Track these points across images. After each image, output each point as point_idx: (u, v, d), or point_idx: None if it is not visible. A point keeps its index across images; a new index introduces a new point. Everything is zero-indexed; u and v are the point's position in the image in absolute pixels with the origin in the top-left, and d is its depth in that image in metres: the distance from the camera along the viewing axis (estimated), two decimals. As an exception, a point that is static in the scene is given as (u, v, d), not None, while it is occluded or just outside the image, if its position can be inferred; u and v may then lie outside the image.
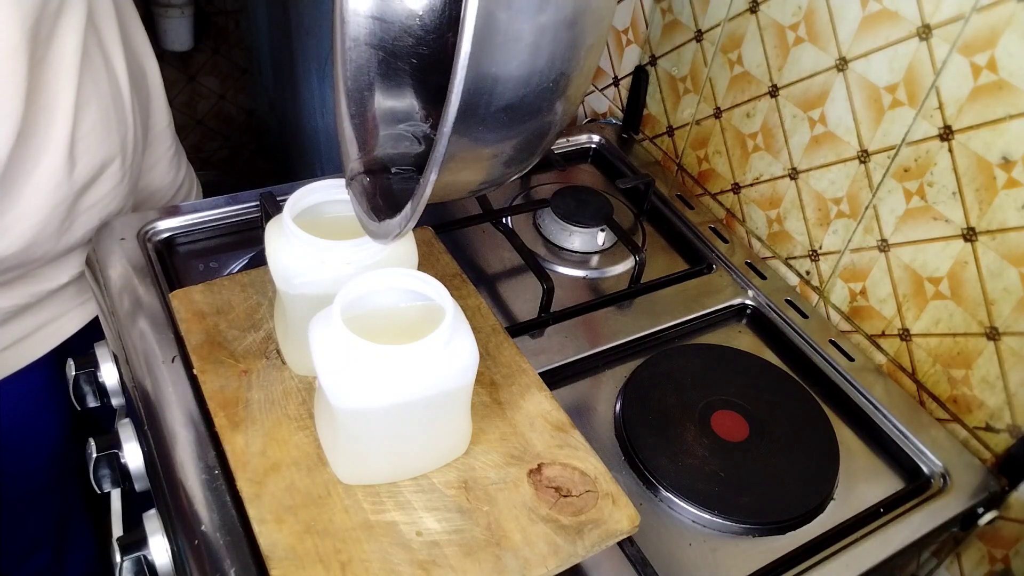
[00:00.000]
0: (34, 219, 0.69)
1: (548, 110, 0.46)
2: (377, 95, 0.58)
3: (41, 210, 0.69)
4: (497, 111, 0.43)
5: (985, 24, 0.61)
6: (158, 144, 0.87)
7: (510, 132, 0.45)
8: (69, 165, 0.69)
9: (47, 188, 0.68)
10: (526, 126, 0.46)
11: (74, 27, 0.65)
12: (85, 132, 0.70)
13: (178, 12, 1.55)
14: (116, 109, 0.73)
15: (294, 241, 0.53)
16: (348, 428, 0.50)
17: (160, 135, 0.87)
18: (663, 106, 0.96)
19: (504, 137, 0.46)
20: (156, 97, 0.85)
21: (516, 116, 0.44)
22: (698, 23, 0.87)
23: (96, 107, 0.70)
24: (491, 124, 0.44)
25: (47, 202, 0.69)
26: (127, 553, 0.57)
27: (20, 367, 0.79)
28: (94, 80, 0.70)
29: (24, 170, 0.67)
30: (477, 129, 0.43)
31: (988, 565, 0.69)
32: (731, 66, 0.84)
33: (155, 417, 0.59)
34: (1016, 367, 0.65)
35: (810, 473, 0.65)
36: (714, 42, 0.86)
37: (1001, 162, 0.62)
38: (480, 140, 0.45)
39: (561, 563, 0.51)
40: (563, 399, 0.68)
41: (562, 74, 0.44)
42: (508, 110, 0.44)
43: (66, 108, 0.67)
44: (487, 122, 0.43)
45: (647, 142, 1.00)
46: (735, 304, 0.80)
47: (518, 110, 0.44)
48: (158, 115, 0.86)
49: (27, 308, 0.76)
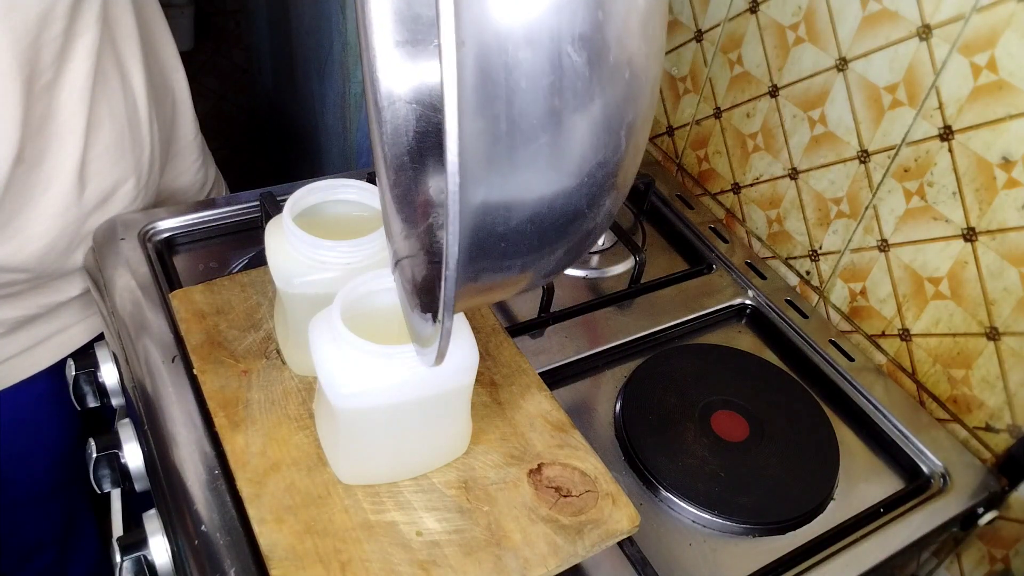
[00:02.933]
0: (41, 241, 0.68)
1: (591, 208, 0.35)
2: (420, 162, 0.49)
3: (49, 232, 0.69)
4: (519, 226, 0.34)
5: (985, 24, 0.61)
6: (183, 157, 0.86)
7: (541, 247, 0.36)
8: (79, 188, 0.69)
9: (55, 211, 0.68)
10: (564, 235, 0.36)
11: (86, 50, 0.64)
12: (97, 154, 0.69)
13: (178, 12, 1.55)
14: (132, 129, 0.72)
15: (294, 241, 0.53)
16: (348, 428, 0.50)
17: (186, 148, 0.86)
18: (663, 106, 0.96)
19: (534, 254, 0.36)
20: (183, 112, 0.84)
21: (547, 228, 0.35)
22: (698, 23, 0.87)
23: (110, 129, 0.70)
24: (514, 244, 0.34)
25: (56, 223, 0.69)
26: (127, 553, 0.57)
27: (27, 376, 0.79)
28: (109, 101, 0.69)
29: (33, 195, 0.66)
30: (494, 257, 0.34)
31: (988, 565, 0.69)
32: (731, 66, 0.84)
33: (155, 417, 0.59)
34: (1016, 367, 0.65)
35: (810, 473, 0.65)
36: (714, 42, 0.86)
37: (1001, 162, 0.62)
38: (502, 268, 0.35)
39: (561, 563, 0.51)
40: (563, 399, 0.68)
41: (600, 164, 0.34)
42: (534, 222, 0.34)
43: (77, 131, 0.67)
44: (508, 242, 0.34)
45: (647, 142, 1.00)
46: (735, 304, 0.80)
47: (546, 220, 0.34)
48: (184, 129, 0.85)
49: (35, 319, 0.76)
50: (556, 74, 0.30)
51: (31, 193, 0.66)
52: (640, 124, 0.35)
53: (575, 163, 0.33)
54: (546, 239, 0.35)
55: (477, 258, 0.34)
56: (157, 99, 0.77)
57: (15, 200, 0.65)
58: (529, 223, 0.33)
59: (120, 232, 0.73)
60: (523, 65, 0.30)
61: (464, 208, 0.31)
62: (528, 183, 0.32)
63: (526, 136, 0.31)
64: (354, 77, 1.13)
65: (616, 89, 0.32)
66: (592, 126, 0.32)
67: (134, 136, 0.72)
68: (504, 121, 0.30)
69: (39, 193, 0.67)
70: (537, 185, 0.33)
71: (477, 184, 0.31)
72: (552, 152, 0.32)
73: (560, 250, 0.37)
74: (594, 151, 0.33)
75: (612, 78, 0.32)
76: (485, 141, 0.30)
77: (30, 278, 0.71)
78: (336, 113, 1.22)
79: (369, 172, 0.84)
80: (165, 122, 0.81)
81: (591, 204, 0.35)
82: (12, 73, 0.59)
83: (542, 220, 0.34)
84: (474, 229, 0.32)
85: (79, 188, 0.69)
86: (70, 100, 0.65)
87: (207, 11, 1.64)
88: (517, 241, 0.34)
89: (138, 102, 0.73)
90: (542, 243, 0.35)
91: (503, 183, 0.32)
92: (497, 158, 0.31)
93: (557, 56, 0.30)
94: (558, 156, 0.32)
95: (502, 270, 0.35)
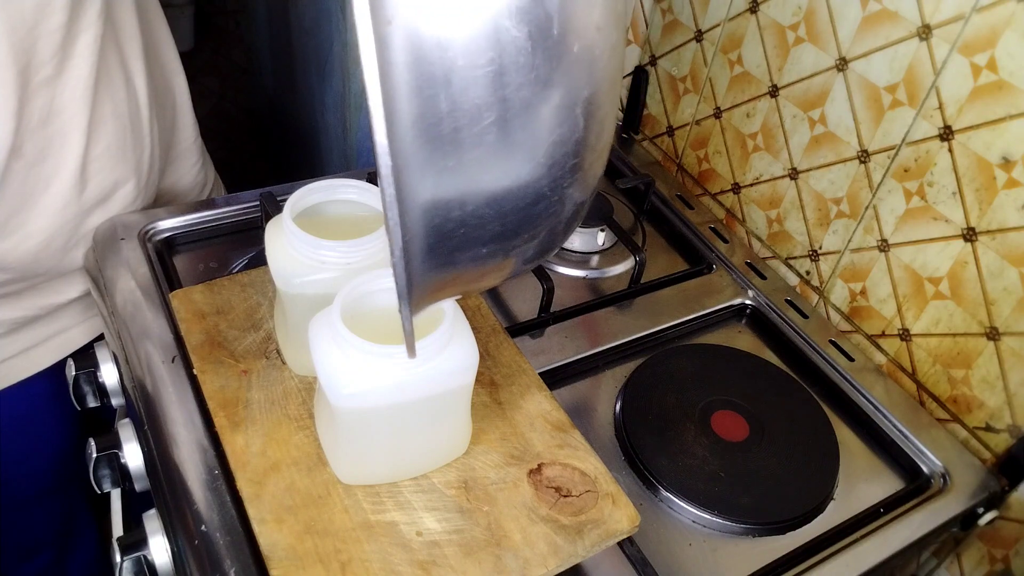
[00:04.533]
0: (39, 237, 0.68)
1: (553, 191, 0.34)
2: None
3: (47, 230, 0.68)
4: (477, 211, 0.32)
5: (985, 24, 0.61)
6: (183, 160, 0.86)
7: (507, 232, 0.34)
8: (80, 185, 0.69)
9: (55, 209, 0.68)
10: (530, 219, 0.34)
11: (89, 47, 0.64)
12: (99, 153, 0.69)
13: (178, 12, 1.55)
14: (134, 130, 0.72)
15: (294, 241, 0.53)
16: (348, 428, 0.50)
17: (185, 152, 0.86)
18: (663, 106, 0.96)
19: (502, 240, 0.34)
20: (183, 115, 0.84)
21: (508, 212, 0.33)
22: (698, 23, 0.87)
23: (112, 127, 0.70)
24: (476, 229, 0.33)
25: (54, 221, 0.69)
26: (127, 553, 0.57)
27: (26, 376, 0.79)
28: (112, 99, 0.69)
29: (34, 192, 0.66)
30: (456, 244, 0.33)
31: (988, 565, 0.69)
32: (731, 66, 0.84)
33: (155, 417, 0.59)
34: (1016, 367, 0.65)
35: (810, 473, 0.65)
36: (714, 42, 0.86)
37: (1001, 162, 0.62)
38: (468, 255, 0.34)
39: (561, 563, 0.51)
40: (563, 399, 0.68)
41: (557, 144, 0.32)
42: (492, 206, 0.32)
43: (80, 129, 0.66)
44: (468, 227, 0.33)
45: (647, 142, 1.00)
46: (735, 304, 0.80)
47: (506, 205, 0.33)
48: (184, 132, 0.85)
49: (34, 320, 0.76)
50: (496, 50, 0.29)
51: (32, 190, 0.66)
52: (601, 99, 0.33)
53: (528, 144, 0.31)
54: (509, 224, 0.33)
55: (437, 245, 0.32)
56: (158, 101, 0.77)
57: (16, 196, 0.65)
58: (487, 207, 0.32)
59: (120, 232, 0.73)
60: (458, 42, 0.28)
61: (408, 193, 0.29)
62: (480, 166, 0.31)
63: (471, 117, 0.29)
64: (354, 77, 1.13)
65: (566, 63, 0.30)
66: (543, 104, 0.30)
67: (136, 136, 0.72)
68: (444, 101, 0.29)
69: (40, 190, 0.67)
70: (490, 168, 0.31)
71: (422, 168, 0.30)
72: (501, 133, 0.30)
73: (529, 234, 0.35)
74: (548, 131, 0.31)
75: (559, 52, 0.30)
76: (427, 122, 0.29)
77: (27, 276, 0.71)
78: (336, 113, 1.22)
79: (369, 172, 0.84)
80: (166, 125, 0.81)
81: (553, 187, 0.33)
82: (7, 61, 0.59)
83: (501, 205, 0.32)
84: (427, 215, 0.31)
85: (80, 186, 0.69)
86: (73, 98, 0.65)
87: (207, 11, 1.64)
88: (478, 227, 0.32)
89: (140, 102, 0.73)
90: (506, 228, 0.33)
91: (453, 166, 0.30)
92: (441, 140, 0.29)
93: (494, 31, 0.28)
94: (508, 137, 0.30)
95: (469, 257, 0.34)
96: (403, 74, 0.28)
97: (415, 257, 0.32)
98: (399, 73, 0.28)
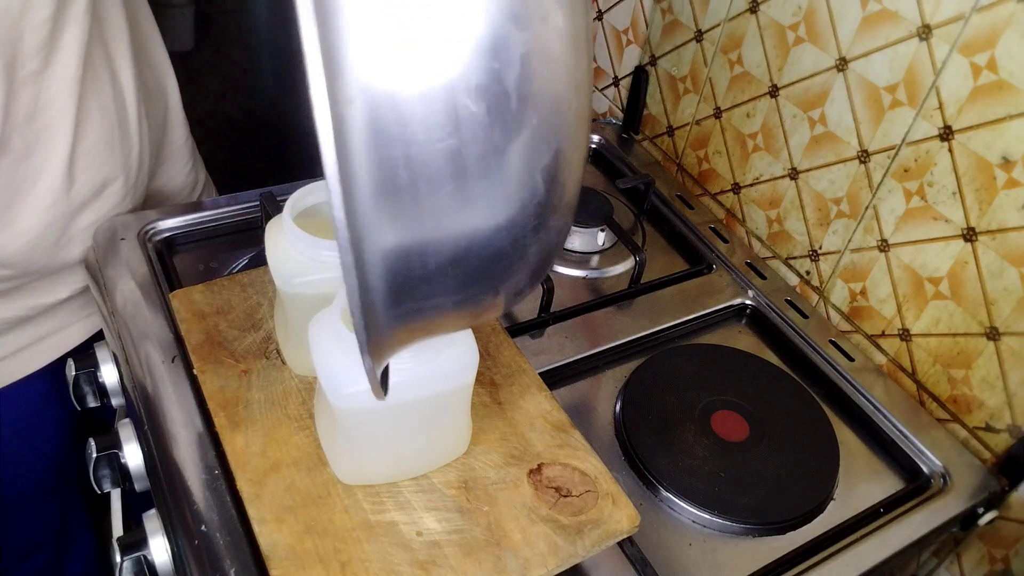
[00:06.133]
0: (29, 234, 0.68)
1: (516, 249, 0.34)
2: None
3: (36, 226, 0.68)
4: (441, 269, 0.33)
5: (985, 24, 0.61)
6: (174, 161, 0.86)
7: (471, 287, 0.35)
8: (68, 182, 0.69)
9: (44, 205, 0.68)
10: (492, 275, 0.35)
11: (75, 42, 0.64)
12: (86, 149, 0.69)
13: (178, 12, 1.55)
14: (121, 127, 0.72)
15: (294, 241, 0.53)
16: (348, 428, 0.50)
17: (176, 152, 0.86)
18: (663, 106, 0.96)
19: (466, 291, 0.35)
20: (174, 116, 0.84)
21: (471, 271, 0.34)
22: (698, 23, 0.87)
23: (99, 124, 0.70)
24: (440, 286, 0.33)
25: (43, 218, 0.69)
26: (127, 553, 0.57)
27: (21, 376, 0.79)
28: (98, 96, 0.69)
29: (22, 188, 0.66)
30: (419, 298, 0.33)
31: (988, 565, 0.69)
32: (731, 66, 0.84)
33: (155, 417, 0.59)
34: (1016, 367, 0.65)
35: (810, 473, 0.65)
36: (714, 42, 0.86)
37: (1001, 162, 0.62)
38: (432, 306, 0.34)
39: (561, 563, 0.51)
40: (563, 399, 0.68)
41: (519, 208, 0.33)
42: (455, 265, 0.33)
43: (67, 125, 0.67)
44: (432, 284, 0.33)
45: (647, 142, 1.00)
46: (735, 304, 0.80)
47: (469, 263, 0.33)
48: (175, 133, 0.85)
49: (27, 320, 0.76)
50: (453, 124, 0.30)
51: (20, 186, 0.66)
52: (563, 163, 0.34)
53: (489, 209, 0.32)
54: (472, 280, 0.34)
55: (400, 300, 0.33)
56: (149, 102, 0.77)
57: (4, 192, 0.65)
58: (450, 266, 0.33)
59: (120, 232, 0.73)
60: (416, 118, 0.29)
61: (369, 257, 0.31)
62: (441, 230, 0.32)
63: (432, 185, 0.31)
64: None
65: (525, 135, 0.31)
66: (502, 172, 0.32)
67: (123, 134, 0.73)
68: (404, 171, 0.30)
69: (28, 186, 0.67)
70: (451, 231, 0.32)
71: (383, 231, 0.31)
72: (462, 199, 0.31)
73: (493, 288, 0.36)
74: (507, 197, 0.32)
75: (517, 125, 0.31)
76: (387, 190, 0.30)
77: (18, 274, 0.71)
78: (336, 113, 1.22)
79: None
80: (156, 124, 0.81)
81: (516, 246, 0.34)
82: None
83: (463, 263, 0.33)
84: (389, 273, 0.32)
85: (67, 183, 0.69)
86: (60, 93, 0.65)
87: (207, 11, 1.64)
88: (442, 283, 0.34)
89: (127, 100, 0.73)
90: (469, 283, 0.34)
91: (414, 229, 0.31)
92: (403, 206, 0.31)
93: (453, 108, 0.29)
94: (468, 204, 0.32)
95: (432, 307, 0.35)
96: (362, 150, 0.29)
97: (378, 312, 0.33)
98: (358, 149, 0.29)
